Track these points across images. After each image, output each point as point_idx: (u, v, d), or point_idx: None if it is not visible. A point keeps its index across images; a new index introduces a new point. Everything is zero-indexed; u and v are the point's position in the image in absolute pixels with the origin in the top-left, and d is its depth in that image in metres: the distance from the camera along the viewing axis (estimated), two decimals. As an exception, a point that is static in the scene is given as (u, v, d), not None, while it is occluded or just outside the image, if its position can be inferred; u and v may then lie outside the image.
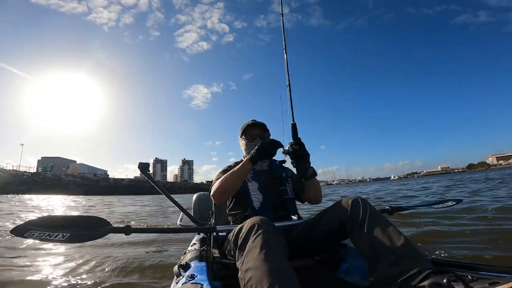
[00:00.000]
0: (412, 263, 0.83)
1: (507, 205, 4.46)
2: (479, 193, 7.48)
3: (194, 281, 0.94)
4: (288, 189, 1.51)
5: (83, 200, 18.68)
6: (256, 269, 0.77)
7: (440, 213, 3.93)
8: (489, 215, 3.79)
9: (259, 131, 1.57)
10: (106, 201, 17.33)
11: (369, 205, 1.06)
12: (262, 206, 1.41)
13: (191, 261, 1.20)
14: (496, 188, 8.63)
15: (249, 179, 1.48)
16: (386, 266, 0.87)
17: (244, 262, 0.84)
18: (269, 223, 0.95)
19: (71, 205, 13.04)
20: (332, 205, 1.18)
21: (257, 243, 0.85)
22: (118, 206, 12.64)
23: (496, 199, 5.73)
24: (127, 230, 1.10)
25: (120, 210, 10.06)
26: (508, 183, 10.63)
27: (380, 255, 0.91)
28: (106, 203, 14.76)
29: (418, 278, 0.79)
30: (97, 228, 1.08)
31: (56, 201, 16.54)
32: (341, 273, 1.27)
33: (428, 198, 7.86)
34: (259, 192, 1.45)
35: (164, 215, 7.41)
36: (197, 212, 2.24)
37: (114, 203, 14.78)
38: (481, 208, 4.43)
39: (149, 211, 9.13)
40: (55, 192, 35.25)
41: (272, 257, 0.80)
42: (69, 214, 1.21)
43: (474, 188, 9.62)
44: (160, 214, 7.97)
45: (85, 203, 14.66)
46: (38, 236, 0.96)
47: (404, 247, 0.89)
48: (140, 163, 1.34)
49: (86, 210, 10.34)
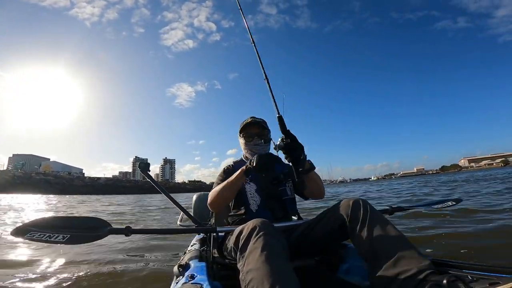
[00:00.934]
0: (412, 264, 0.84)
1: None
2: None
3: (194, 281, 0.95)
4: (288, 189, 1.49)
5: (54, 200, 17.68)
6: (257, 270, 0.77)
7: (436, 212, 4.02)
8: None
9: (258, 130, 1.53)
10: (73, 202, 16.23)
11: (370, 206, 1.06)
12: (259, 208, 1.40)
13: (191, 261, 1.20)
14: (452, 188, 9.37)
15: (247, 181, 1.45)
16: (386, 266, 0.88)
17: (245, 263, 0.83)
18: (270, 225, 0.94)
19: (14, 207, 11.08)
20: (333, 206, 1.18)
21: (258, 245, 0.85)
22: (82, 207, 11.91)
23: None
24: (127, 231, 1.10)
25: (83, 209, 9.56)
26: (462, 185, 11.46)
27: (380, 255, 0.91)
28: (71, 205, 13.54)
29: (418, 278, 0.80)
30: (97, 229, 1.08)
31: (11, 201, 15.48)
32: (341, 273, 1.27)
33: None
34: (257, 194, 1.43)
35: (142, 217, 7.10)
36: (197, 212, 2.23)
37: (77, 205, 13.25)
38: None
39: (122, 212, 8.76)
40: (24, 191, 33.28)
41: (273, 258, 0.80)
42: (69, 215, 1.19)
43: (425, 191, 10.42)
44: (141, 214, 7.64)
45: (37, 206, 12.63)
46: (38, 237, 0.95)
47: (404, 247, 0.90)
48: (140, 163, 1.34)
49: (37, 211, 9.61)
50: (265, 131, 1.54)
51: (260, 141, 1.52)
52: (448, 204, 1.58)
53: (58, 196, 25.50)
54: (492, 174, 22.60)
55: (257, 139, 1.50)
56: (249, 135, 1.53)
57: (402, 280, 0.82)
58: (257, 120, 1.56)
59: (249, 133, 1.53)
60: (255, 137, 1.51)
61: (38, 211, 9.45)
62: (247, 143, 1.53)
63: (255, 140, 1.51)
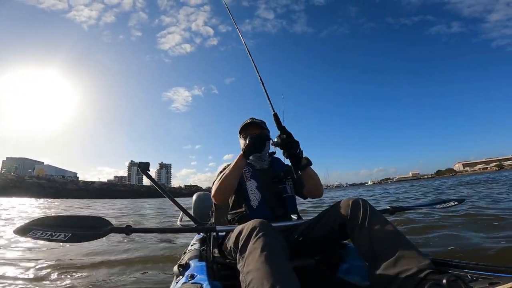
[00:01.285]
0: (412, 263, 0.84)
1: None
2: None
3: (194, 281, 0.96)
4: (288, 187, 1.50)
5: (44, 204, 17.34)
6: (257, 271, 0.77)
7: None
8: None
9: (257, 130, 1.56)
10: (62, 206, 15.61)
11: (370, 206, 1.07)
12: (260, 205, 1.41)
13: (191, 261, 1.21)
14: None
15: (247, 178, 1.47)
16: (386, 266, 0.88)
17: (245, 264, 0.84)
18: (269, 225, 0.95)
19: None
20: (333, 206, 1.18)
21: (257, 245, 0.85)
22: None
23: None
24: (128, 230, 1.10)
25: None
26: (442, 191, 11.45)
27: (380, 255, 0.92)
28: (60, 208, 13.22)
29: (418, 277, 0.80)
30: (98, 228, 1.09)
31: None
32: (341, 273, 1.28)
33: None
34: (258, 190, 1.44)
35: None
36: (197, 211, 2.23)
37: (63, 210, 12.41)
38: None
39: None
40: (16, 195, 32.77)
41: (273, 258, 0.81)
42: (71, 215, 1.21)
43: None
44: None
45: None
46: (41, 236, 0.97)
47: (404, 247, 0.90)
48: (140, 162, 1.34)
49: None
50: (264, 131, 1.56)
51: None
52: (450, 204, 1.55)
53: (49, 200, 25.05)
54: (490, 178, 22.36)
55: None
56: (248, 135, 1.53)
57: (402, 279, 0.82)
58: (256, 121, 1.59)
59: (249, 134, 1.54)
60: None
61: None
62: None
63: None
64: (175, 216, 5.94)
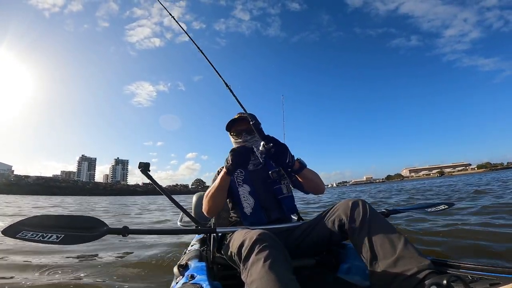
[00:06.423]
0: (412, 263, 0.86)
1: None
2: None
3: (194, 281, 0.96)
4: (284, 187, 1.46)
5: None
6: (261, 279, 0.77)
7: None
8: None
9: (246, 125, 1.45)
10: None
11: (369, 206, 1.08)
12: (254, 211, 1.38)
13: (191, 261, 1.21)
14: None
15: (239, 183, 1.44)
16: (386, 266, 0.90)
17: (249, 274, 0.84)
18: (271, 236, 0.94)
19: None
20: (332, 206, 1.19)
21: (261, 256, 0.85)
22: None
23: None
24: (125, 231, 1.08)
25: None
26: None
27: (380, 255, 0.93)
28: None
29: (418, 278, 0.81)
30: (93, 229, 1.05)
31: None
32: (341, 273, 1.28)
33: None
34: (251, 196, 1.41)
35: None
36: (197, 212, 2.19)
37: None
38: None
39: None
40: None
41: (276, 268, 0.80)
42: (64, 214, 1.13)
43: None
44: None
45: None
46: (31, 237, 0.93)
47: (403, 247, 0.91)
48: (140, 162, 1.34)
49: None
50: (252, 125, 1.44)
51: (248, 136, 1.48)
52: (440, 208, 1.60)
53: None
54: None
55: (246, 135, 1.47)
56: (237, 132, 1.50)
57: (402, 279, 0.84)
58: (243, 116, 1.45)
59: (238, 130, 1.50)
60: (244, 133, 1.48)
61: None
62: (237, 141, 1.50)
63: (244, 137, 1.47)
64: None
